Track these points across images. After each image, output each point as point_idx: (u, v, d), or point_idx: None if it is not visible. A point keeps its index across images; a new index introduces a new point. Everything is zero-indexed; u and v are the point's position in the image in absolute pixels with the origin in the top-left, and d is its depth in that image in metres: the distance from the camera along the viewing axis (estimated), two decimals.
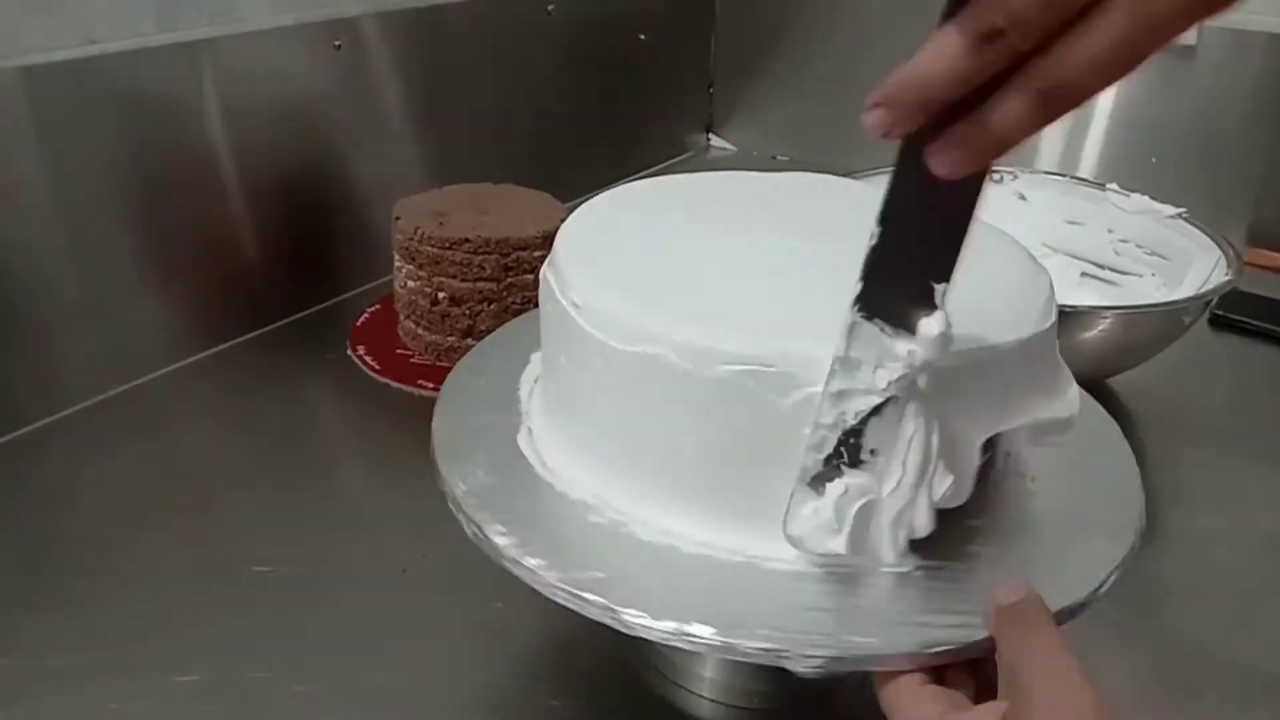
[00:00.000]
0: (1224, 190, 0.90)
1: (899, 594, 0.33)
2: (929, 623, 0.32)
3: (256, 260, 0.71)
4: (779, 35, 1.11)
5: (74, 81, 0.58)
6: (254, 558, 0.51)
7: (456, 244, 0.63)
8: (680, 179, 0.45)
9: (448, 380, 0.44)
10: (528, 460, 0.39)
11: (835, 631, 0.31)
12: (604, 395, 0.36)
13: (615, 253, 0.38)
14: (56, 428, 0.61)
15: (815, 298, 0.35)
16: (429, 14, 0.79)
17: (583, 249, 0.38)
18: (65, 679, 0.43)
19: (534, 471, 0.38)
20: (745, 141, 1.18)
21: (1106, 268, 0.73)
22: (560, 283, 0.37)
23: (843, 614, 0.32)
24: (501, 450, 0.39)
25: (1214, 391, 0.71)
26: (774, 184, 0.45)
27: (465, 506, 0.36)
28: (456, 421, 0.41)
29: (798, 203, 0.43)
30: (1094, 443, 0.42)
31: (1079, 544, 0.36)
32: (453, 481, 0.37)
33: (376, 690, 0.44)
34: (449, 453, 0.39)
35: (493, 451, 0.39)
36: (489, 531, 0.35)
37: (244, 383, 0.67)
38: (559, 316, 0.37)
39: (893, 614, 0.32)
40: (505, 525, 0.35)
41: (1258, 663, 0.47)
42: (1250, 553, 0.55)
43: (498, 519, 0.35)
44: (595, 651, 0.45)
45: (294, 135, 0.72)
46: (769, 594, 0.33)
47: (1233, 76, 0.88)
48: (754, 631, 0.31)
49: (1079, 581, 0.34)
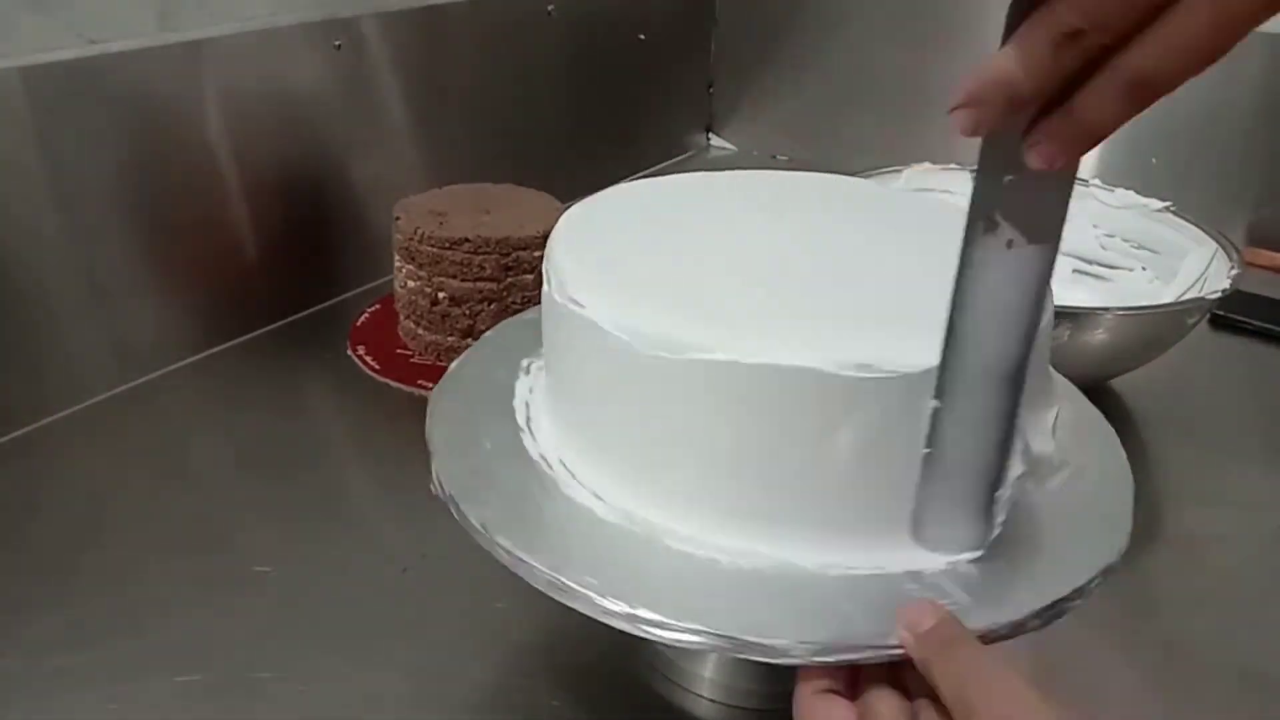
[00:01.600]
0: (1224, 190, 0.90)
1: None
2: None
3: (256, 260, 0.71)
4: (779, 35, 1.11)
5: (74, 81, 0.58)
6: (254, 558, 0.51)
7: (456, 244, 0.63)
8: (678, 178, 0.45)
9: (444, 378, 0.44)
10: (530, 456, 0.39)
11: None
12: (603, 392, 0.36)
13: (609, 248, 0.38)
14: (56, 427, 0.61)
15: (813, 295, 0.35)
16: (429, 14, 0.79)
17: (577, 244, 0.38)
18: (65, 679, 0.43)
19: (537, 468, 0.38)
20: (745, 141, 1.18)
21: (1095, 263, 0.73)
22: (556, 278, 0.37)
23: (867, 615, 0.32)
24: (502, 446, 0.39)
25: (1214, 391, 0.71)
26: (774, 184, 0.45)
27: (470, 514, 0.35)
28: (453, 417, 0.41)
29: (797, 202, 0.43)
30: (1087, 444, 0.42)
31: (1066, 547, 0.36)
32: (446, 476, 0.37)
33: (376, 690, 0.44)
34: (446, 449, 0.39)
35: (493, 447, 0.39)
36: (500, 540, 0.34)
37: (244, 382, 0.67)
38: (552, 311, 0.37)
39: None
40: (511, 533, 0.34)
41: (1258, 663, 0.47)
42: (1250, 553, 0.55)
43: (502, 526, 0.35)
44: (595, 651, 0.45)
45: (294, 135, 0.72)
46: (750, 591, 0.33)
47: (1233, 76, 0.88)
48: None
49: (1061, 584, 0.33)
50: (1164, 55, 0.23)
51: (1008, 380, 0.30)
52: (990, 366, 0.30)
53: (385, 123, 0.78)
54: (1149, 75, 0.24)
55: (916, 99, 1.02)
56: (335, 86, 0.73)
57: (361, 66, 0.75)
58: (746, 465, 0.33)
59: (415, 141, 0.81)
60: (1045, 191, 0.28)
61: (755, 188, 0.44)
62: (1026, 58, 0.24)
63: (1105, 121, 0.25)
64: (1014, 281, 0.29)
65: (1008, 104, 0.25)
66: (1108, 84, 0.24)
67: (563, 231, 0.40)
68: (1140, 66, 0.24)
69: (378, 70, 0.76)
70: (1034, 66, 0.24)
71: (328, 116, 0.73)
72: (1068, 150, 0.26)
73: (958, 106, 0.25)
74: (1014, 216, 0.28)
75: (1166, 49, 0.23)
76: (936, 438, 0.32)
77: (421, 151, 0.82)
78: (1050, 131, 0.26)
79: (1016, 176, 0.27)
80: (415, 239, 0.64)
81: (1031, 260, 0.28)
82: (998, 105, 0.25)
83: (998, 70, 0.25)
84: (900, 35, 1.03)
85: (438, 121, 0.82)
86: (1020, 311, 0.29)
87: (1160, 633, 0.49)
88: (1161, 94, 0.24)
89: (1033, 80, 0.24)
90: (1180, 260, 0.67)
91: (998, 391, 0.31)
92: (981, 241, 0.28)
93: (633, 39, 1.02)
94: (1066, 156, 0.26)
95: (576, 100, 0.97)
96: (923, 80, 1.01)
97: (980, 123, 0.26)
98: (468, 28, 0.82)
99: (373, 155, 0.77)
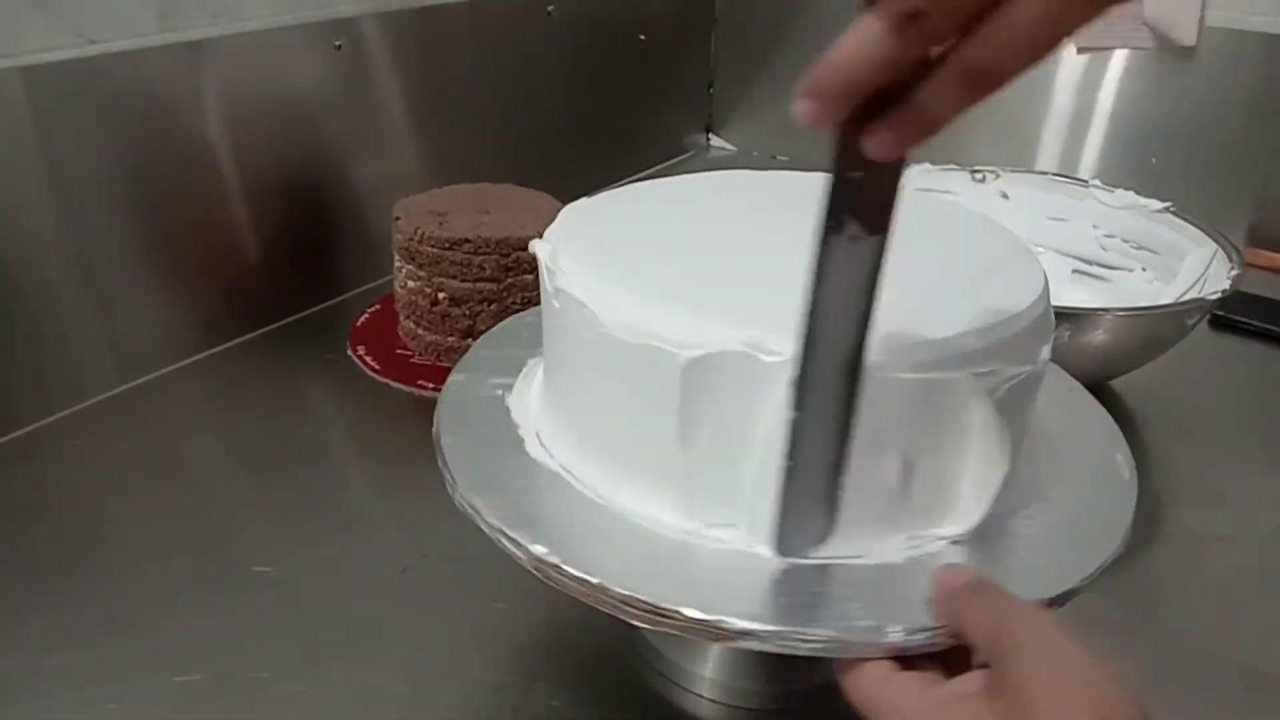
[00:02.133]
0: (1224, 190, 0.90)
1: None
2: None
3: (256, 260, 0.71)
4: (779, 35, 1.11)
5: (74, 81, 0.58)
6: (254, 558, 0.51)
7: (456, 244, 0.63)
8: (677, 179, 0.45)
9: (450, 379, 0.44)
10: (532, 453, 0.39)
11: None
12: (601, 385, 0.36)
13: (607, 244, 0.38)
14: (56, 427, 0.61)
15: None
16: (429, 14, 0.79)
17: (576, 240, 0.38)
18: (65, 679, 0.43)
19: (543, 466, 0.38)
20: (745, 141, 1.18)
21: (1095, 263, 0.73)
22: (553, 273, 0.37)
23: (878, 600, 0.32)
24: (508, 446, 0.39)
25: (1214, 392, 0.71)
26: (774, 183, 0.45)
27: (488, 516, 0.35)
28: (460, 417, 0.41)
29: (796, 202, 0.43)
30: (1089, 438, 0.42)
31: (1065, 543, 0.36)
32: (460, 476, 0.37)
33: (376, 690, 0.44)
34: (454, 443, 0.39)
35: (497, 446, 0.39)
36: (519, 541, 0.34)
37: (244, 383, 0.67)
38: (549, 307, 0.37)
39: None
40: (530, 534, 0.34)
41: (1258, 663, 0.47)
42: (1250, 553, 0.55)
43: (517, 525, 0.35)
44: (595, 651, 0.45)
45: (294, 135, 0.72)
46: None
47: (1233, 76, 0.88)
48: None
49: (1060, 579, 0.33)
50: (999, 46, 0.24)
51: (848, 373, 0.31)
52: (838, 362, 0.31)
53: (385, 123, 0.78)
54: (986, 66, 0.24)
55: None
56: (335, 86, 0.73)
57: (361, 66, 0.75)
58: (748, 460, 0.33)
59: (415, 141, 0.81)
60: (884, 183, 0.28)
61: (755, 188, 0.44)
62: (868, 43, 0.24)
63: (945, 111, 0.25)
64: (857, 274, 0.29)
65: (846, 92, 0.25)
66: (948, 74, 0.25)
67: (559, 228, 0.40)
68: (978, 57, 0.24)
69: (378, 70, 0.76)
70: (874, 51, 0.24)
71: (328, 116, 0.73)
72: (906, 140, 0.26)
73: (800, 98, 0.26)
74: (858, 210, 0.28)
75: (1001, 41, 0.24)
76: (796, 449, 0.32)
77: (421, 151, 0.82)
78: (890, 122, 0.26)
79: (860, 171, 0.27)
80: (415, 239, 0.64)
81: (871, 251, 0.29)
82: (837, 94, 0.25)
83: (837, 58, 0.25)
84: None
85: (438, 121, 0.82)
86: (861, 302, 0.30)
87: (1160, 632, 0.49)
88: (999, 86, 0.25)
89: (871, 66, 0.25)
90: (1180, 261, 0.67)
91: (841, 385, 0.31)
92: (831, 239, 0.29)
93: (633, 39, 1.02)
94: (905, 146, 0.26)
95: (576, 100, 0.97)
96: None
97: (821, 113, 0.26)
98: (467, 28, 0.82)
99: (373, 155, 0.77)
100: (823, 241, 0.29)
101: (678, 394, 0.33)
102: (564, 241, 0.38)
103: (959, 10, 0.24)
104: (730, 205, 0.43)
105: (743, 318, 0.32)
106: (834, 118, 0.26)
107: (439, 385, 0.44)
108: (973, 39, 0.24)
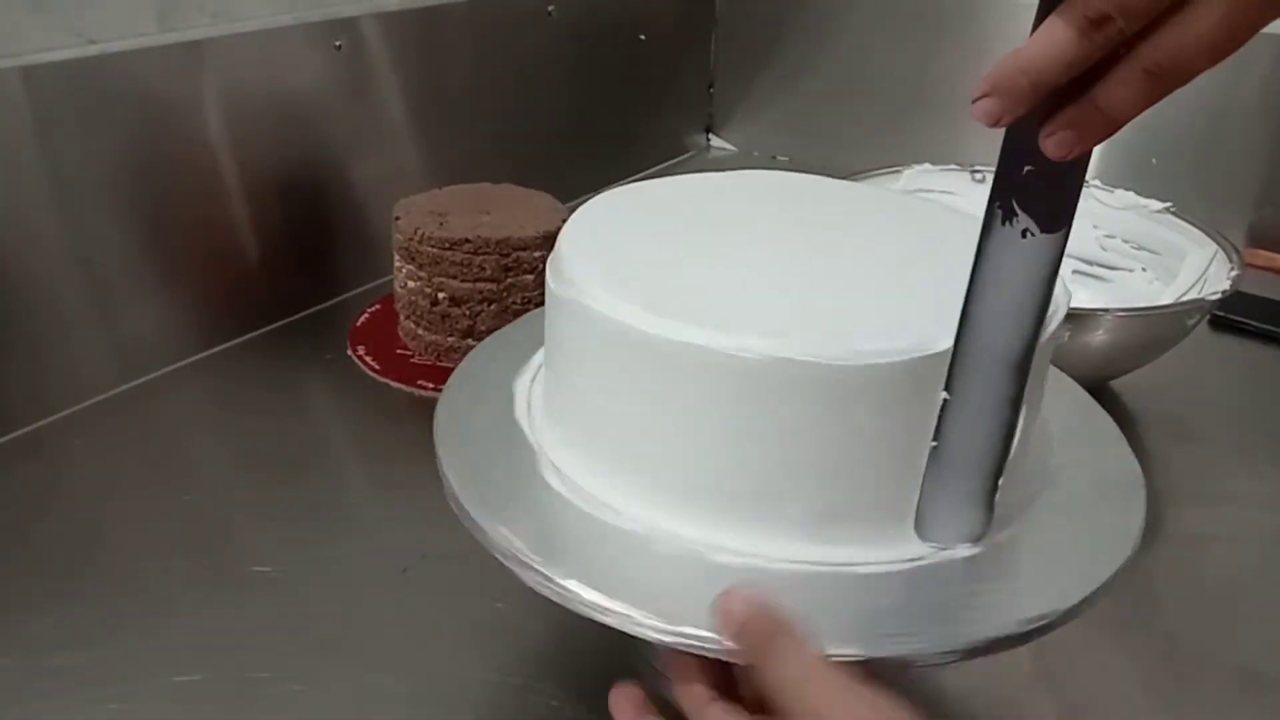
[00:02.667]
0: (1224, 190, 0.90)
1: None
2: None
3: (256, 260, 0.71)
4: (779, 35, 1.11)
5: (74, 81, 0.58)
6: (254, 558, 0.51)
7: (456, 244, 0.63)
8: (684, 179, 0.45)
9: (449, 382, 0.44)
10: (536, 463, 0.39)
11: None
12: (609, 391, 0.36)
13: (620, 249, 0.38)
14: (56, 427, 0.61)
15: (814, 295, 0.35)
16: (429, 14, 0.79)
17: (588, 245, 0.38)
18: (65, 679, 0.43)
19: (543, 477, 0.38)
20: (745, 141, 1.18)
21: (1095, 264, 0.73)
22: (561, 279, 0.37)
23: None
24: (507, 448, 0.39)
25: (1214, 392, 0.71)
26: (774, 184, 0.45)
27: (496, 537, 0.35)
28: (459, 421, 0.41)
29: (798, 203, 0.44)
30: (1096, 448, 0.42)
31: (1074, 547, 0.36)
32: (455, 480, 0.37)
33: (376, 690, 0.44)
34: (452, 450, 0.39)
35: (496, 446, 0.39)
36: (512, 541, 0.34)
37: (244, 383, 0.67)
38: (556, 313, 0.37)
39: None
40: (523, 537, 0.34)
41: (1258, 663, 0.47)
42: (1250, 553, 0.55)
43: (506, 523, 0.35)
44: (595, 652, 0.45)
45: (294, 135, 0.72)
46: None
47: (1233, 77, 0.88)
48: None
49: (1071, 587, 0.33)
50: (1181, 47, 0.24)
51: (1015, 368, 0.31)
52: (1000, 355, 0.31)
53: (385, 123, 0.78)
54: (1166, 66, 0.25)
55: (916, 99, 1.02)
56: (335, 86, 0.73)
57: (361, 66, 0.75)
58: (748, 459, 0.33)
59: (415, 141, 0.81)
60: (1060, 181, 0.28)
61: (758, 188, 0.44)
62: (1054, 43, 0.25)
63: (1124, 110, 0.26)
64: (1028, 270, 0.30)
65: (1031, 91, 0.26)
66: (1130, 73, 0.25)
67: (571, 229, 0.40)
68: (1158, 58, 0.25)
69: (378, 70, 0.76)
70: (1061, 52, 0.25)
71: (328, 116, 0.73)
72: (1086, 139, 0.27)
73: (981, 97, 0.26)
74: (1030, 206, 0.29)
75: (1183, 41, 0.24)
76: (943, 430, 0.32)
77: (421, 151, 0.82)
78: (1069, 120, 0.26)
79: (1034, 167, 0.28)
80: (415, 239, 0.64)
81: (1045, 249, 0.29)
82: (1021, 93, 0.26)
83: (1022, 58, 0.25)
84: (900, 36, 1.03)
85: (438, 121, 0.82)
86: (1032, 300, 0.30)
87: (1160, 632, 0.49)
88: (1177, 85, 0.25)
89: (1058, 66, 0.25)
90: (1180, 261, 0.67)
91: (1005, 380, 0.31)
92: (999, 231, 0.29)
93: (633, 39, 1.02)
94: (1084, 145, 0.27)
95: (576, 100, 0.97)
96: (922, 81, 1.01)
97: (1004, 112, 0.26)
98: (467, 28, 0.82)
99: (373, 155, 0.77)
100: (991, 235, 0.29)
101: (725, 401, 0.33)
102: (578, 248, 0.38)
103: (1145, 15, 0.24)
104: (750, 207, 0.43)
105: (775, 325, 0.32)
106: (1015, 115, 0.27)
107: (439, 385, 0.44)
108: (1156, 39, 0.24)
